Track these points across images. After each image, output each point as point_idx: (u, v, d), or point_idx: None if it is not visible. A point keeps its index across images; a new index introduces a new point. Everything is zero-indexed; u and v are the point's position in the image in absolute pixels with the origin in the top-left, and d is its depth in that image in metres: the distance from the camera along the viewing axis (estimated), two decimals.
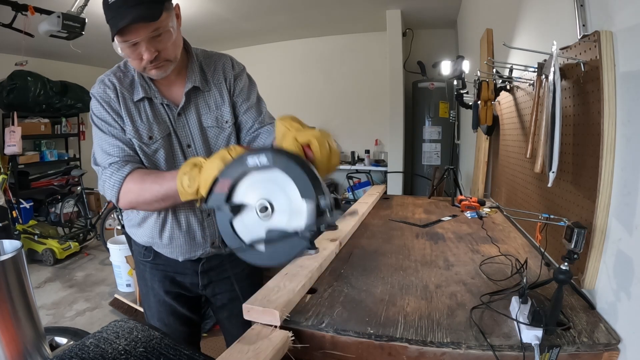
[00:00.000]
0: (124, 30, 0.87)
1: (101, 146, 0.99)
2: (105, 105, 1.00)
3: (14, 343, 0.79)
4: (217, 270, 1.16)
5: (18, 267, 0.81)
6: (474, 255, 1.18)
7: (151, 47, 0.91)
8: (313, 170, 0.69)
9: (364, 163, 4.64)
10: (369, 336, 0.75)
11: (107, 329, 0.86)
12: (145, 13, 0.86)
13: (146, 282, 1.16)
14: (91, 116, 1.03)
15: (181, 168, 0.81)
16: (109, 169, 0.95)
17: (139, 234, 1.12)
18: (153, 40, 0.91)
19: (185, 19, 1.09)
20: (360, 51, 4.83)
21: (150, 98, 1.03)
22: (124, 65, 1.07)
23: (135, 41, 0.89)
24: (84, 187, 4.32)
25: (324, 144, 0.74)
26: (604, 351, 0.71)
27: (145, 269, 1.16)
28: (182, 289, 1.17)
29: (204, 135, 1.08)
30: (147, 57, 0.92)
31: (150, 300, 1.17)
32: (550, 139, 0.93)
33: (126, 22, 0.84)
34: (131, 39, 0.89)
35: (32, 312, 0.84)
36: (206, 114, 1.08)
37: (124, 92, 1.02)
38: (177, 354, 0.78)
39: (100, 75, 1.06)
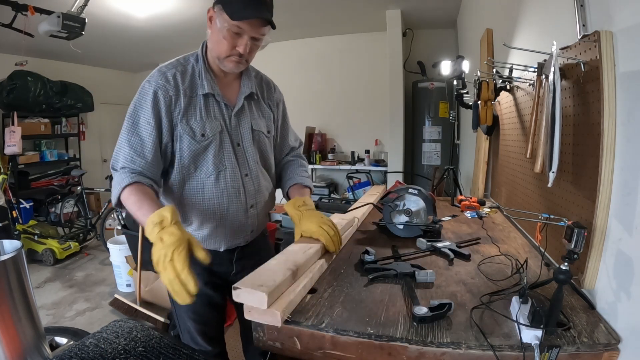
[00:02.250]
0: (248, 20, 0.97)
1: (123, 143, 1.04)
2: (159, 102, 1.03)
3: (14, 343, 0.79)
4: (248, 257, 1.23)
5: (18, 267, 0.81)
6: (474, 255, 1.18)
7: (248, 45, 1.02)
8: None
9: (364, 163, 4.64)
10: (369, 336, 0.75)
11: (106, 329, 0.86)
12: (269, 18, 0.99)
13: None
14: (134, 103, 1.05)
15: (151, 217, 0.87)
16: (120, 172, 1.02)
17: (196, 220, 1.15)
18: (253, 40, 1.02)
19: (186, 19, 1.11)
20: (360, 51, 4.83)
21: (213, 94, 1.09)
22: (185, 60, 1.12)
23: (245, 33, 0.99)
24: (84, 187, 4.32)
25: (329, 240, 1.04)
26: (604, 351, 0.71)
27: None
28: (218, 279, 1.23)
29: (252, 137, 1.17)
30: (242, 50, 1.02)
31: None
32: (550, 139, 0.93)
33: (256, 14, 0.96)
34: (245, 28, 0.99)
35: (32, 312, 0.84)
36: (256, 119, 1.18)
37: (185, 89, 1.06)
38: (176, 353, 0.78)
39: (161, 66, 1.09)
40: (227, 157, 1.12)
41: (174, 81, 1.05)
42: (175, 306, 1.23)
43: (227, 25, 0.99)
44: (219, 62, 1.08)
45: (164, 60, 4.58)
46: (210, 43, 1.08)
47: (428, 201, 1.39)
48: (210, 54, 1.11)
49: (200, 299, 1.15)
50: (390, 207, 1.40)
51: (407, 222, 1.39)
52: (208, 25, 1.06)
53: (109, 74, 6.37)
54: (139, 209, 0.94)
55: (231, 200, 1.13)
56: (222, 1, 0.99)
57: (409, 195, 1.41)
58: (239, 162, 1.14)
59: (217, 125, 1.10)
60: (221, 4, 0.99)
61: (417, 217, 1.40)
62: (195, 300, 1.12)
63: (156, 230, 0.84)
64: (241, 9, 0.95)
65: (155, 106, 1.03)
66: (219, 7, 1.00)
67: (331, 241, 1.06)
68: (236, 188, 1.13)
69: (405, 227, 1.38)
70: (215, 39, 1.04)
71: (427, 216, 1.40)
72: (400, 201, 1.41)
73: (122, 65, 6.32)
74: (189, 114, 1.06)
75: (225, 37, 1.01)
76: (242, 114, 1.15)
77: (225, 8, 0.97)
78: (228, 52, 1.03)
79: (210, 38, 1.07)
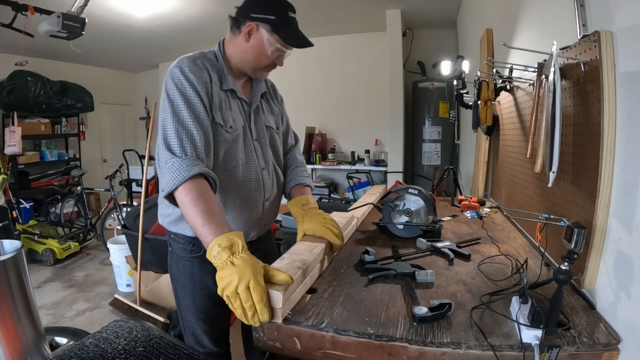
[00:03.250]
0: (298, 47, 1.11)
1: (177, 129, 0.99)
2: (197, 85, 1.03)
3: (14, 343, 0.79)
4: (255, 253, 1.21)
5: (18, 267, 0.81)
6: (474, 255, 1.18)
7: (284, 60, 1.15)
8: None
9: (364, 163, 4.64)
10: (369, 336, 0.75)
11: (106, 329, 0.86)
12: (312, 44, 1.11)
13: (194, 277, 1.17)
14: (170, 91, 1.03)
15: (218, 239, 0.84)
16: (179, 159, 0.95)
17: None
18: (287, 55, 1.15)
19: (187, 20, 1.12)
20: (360, 51, 4.83)
21: (235, 91, 1.15)
22: (214, 55, 1.15)
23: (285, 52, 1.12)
24: (84, 187, 4.32)
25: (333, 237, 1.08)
26: (604, 351, 0.71)
27: (193, 265, 1.17)
28: None
29: (266, 133, 1.23)
30: (280, 65, 1.15)
31: (197, 294, 1.18)
32: (550, 139, 0.93)
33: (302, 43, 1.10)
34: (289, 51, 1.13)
35: (32, 312, 0.84)
36: (268, 116, 1.25)
37: (215, 80, 1.09)
38: (176, 352, 0.78)
39: (188, 54, 1.10)
40: (249, 150, 1.16)
41: (206, 70, 1.08)
42: (182, 308, 1.22)
43: (277, 46, 1.08)
44: (251, 71, 1.14)
45: (164, 60, 4.61)
46: (245, 54, 1.12)
47: (428, 201, 1.39)
48: (236, 58, 1.14)
49: (209, 299, 1.17)
50: (390, 207, 1.41)
51: (407, 222, 1.39)
52: (244, 38, 1.09)
53: (109, 74, 6.38)
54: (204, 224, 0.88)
55: (251, 192, 1.17)
56: (271, 23, 1.06)
57: (409, 195, 1.41)
58: (257, 155, 1.18)
59: (240, 120, 1.15)
60: (270, 25, 1.06)
61: (417, 217, 1.40)
62: (204, 300, 1.18)
63: (225, 255, 0.82)
64: (294, 37, 1.09)
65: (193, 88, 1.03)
66: (267, 28, 1.07)
67: (336, 238, 1.09)
68: (256, 181, 1.18)
69: (405, 227, 1.39)
70: (256, 53, 1.10)
71: (427, 216, 1.40)
72: (400, 201, 1.41)
73: (122, 65, 6.32)
74: (221, 104, 1.10)
75: (270, 54, 1.10)
76: (258, 111, 1.21)
77: (276, 31, 1.07)
78: (269, 64, 1.13)
79: (246, 49, 1.10)
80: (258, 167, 1.18)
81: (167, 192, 0.94)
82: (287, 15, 1.08)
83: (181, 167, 0.94)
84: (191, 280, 1.18)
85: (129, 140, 6.77)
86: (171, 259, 1.23)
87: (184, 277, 1.19)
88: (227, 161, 1.11)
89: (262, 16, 1.06)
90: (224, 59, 1.15)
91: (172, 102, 1.02)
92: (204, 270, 1.15)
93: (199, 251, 1.15)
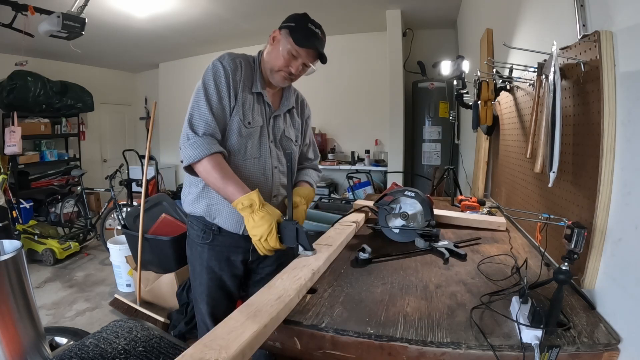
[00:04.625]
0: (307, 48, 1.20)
1: (201, 111, 1.17)
2: (230, 78, 1.20)
3: (14, 343, 0.79)
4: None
5: (18, 267, 0.81)
6: (474, 255, 1.18)
7: (300, 67, 1.24)
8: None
9: (364, 163, 4.64)
10: (369, 336, 0.75)
11: (106, 329, 0.86)
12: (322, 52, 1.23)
13: (202, 261, 1.33)
14: (207, 79, 1.19)
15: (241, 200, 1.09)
16: (201, 138, 1.14)
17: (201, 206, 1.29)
18: (304, 65, 1.24)
19: (187, 20, 1.13)
20: (360, 51, 4.83)
21: (262, 95, 1.28)
22: (253, 60, 1.30)
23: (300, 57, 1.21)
24: (84, 187, 4.31)
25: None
26: (604, 351, 0.71)
27: (203, 250, 1.32)
28: (235, 268, 1.34)
29: (283, 140, 1.35)
30: (294, 70, 1.24)
31: (204, 277, 1.33)
32: (550, 139, 0.93)
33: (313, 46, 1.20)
34: (302, 54, 1.21)
35: (32, 312, 0.84)
36: (289, 128, 1.37)
37: (245, 80, 1.24)
38: (176, 352, 0.78)
39: (229, 52, 1.25)
40: (264, 148, 1.28)
41: (240, 71, 1.23)
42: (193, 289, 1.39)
43: (290, 48, 1.20)
44: (270, 73, 1.26)
45: (164, 60, 4.62)
46: (268, 56, 1.26)
47: (425, 204, 1.35)
48: (264, 65, 1.28)
49: (214, 283, 1.33)
50: (385, 211, 1.36)
51: (403, 226, 1.35)
52: (270, 42, 1.26)
53: (109, 74, 6.38)
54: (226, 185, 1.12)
55: (260, 185, 1.25)
56: (290, 28, 1.20)
57: (405, 197, 1.36)
58: (272, 155, 1.30)
59: (260, 120, 1.27)
60: (288, 29, 1.20)
61: (414, 221, 1.36)
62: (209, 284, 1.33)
63: (247, 212, 1.08)
64: (304, 39, 1.19)
65: (226, 81, 1.20)
66: (285, 32, 1.21)
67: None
68: (266, 176, 1.29)
69: (401, 231, 1.35)
70: (274, 54, 1.23)
71: (424, 219, 1.35)
72: (396, 204, 1.37)
73: (122, 65, 6.32)
74: (245, 102, 1.24)
75: (284, 56, 1.21)
76: (279, 119, 1.34)
77: (291, 34, 1.19)
78: (282, 67, 1.23)
79: (269, 53, 1.25)
80: (270, 165, 1.29)
81: (188, 163, 1.14)
82: (306, 25, 1.21)
83: (203, 144, 1.13)
84: (199, 264, 1.33)
85: (129, 140, 6.77)
86: (187, 243, 1.39)
87: (195, 261, 1.34)
88: (240, 150, 1.24)
89: (286, 24, 1.23)
90: (259, 66, 1.30)
91: (205, 88, 1.18)
92: (212, 257, 1.30)
93: (209, 239, 1.30)
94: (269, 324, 0.72)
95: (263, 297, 0.81)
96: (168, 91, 6.20)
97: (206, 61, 1.24)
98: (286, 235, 1.10)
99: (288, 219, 1.13)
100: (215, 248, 1.30)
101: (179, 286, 2.48)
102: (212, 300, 1.33)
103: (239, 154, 1.24)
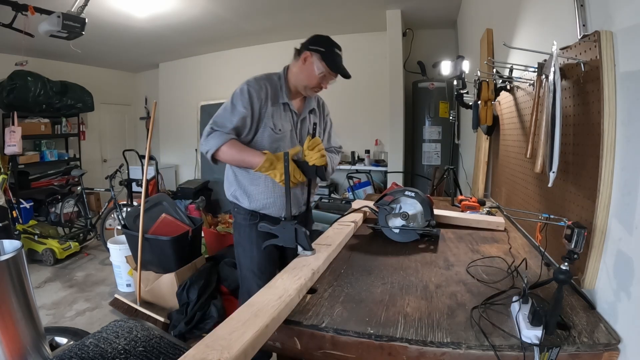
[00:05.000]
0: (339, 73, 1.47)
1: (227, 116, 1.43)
2: (253, 98, 1.44)
3: (14, 343, 0.79)
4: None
5: (18, 267, 0.81)
6: (474, 255, 1.18)
7: (327, 84, 1.51)
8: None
9: (364, 163, 4.64)
10: (369, 336, 0.75)
11: (106, 329, 0.86)
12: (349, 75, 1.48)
13: (252, 239, 1.56)
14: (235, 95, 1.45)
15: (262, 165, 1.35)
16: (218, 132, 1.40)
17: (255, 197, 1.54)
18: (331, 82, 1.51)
19: (187, 20, 1.13)
20: (360, 51, 4.83)
21: (288, 104, 1.52)
22: (277, 77, 1.53)
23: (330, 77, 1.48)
24: (84, 187, 4.31)
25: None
26: (604, 351, 0.71)
27: (251, 230, 1.55)
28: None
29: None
30: (325, 87, 1.50)
31: (254, 252, 1.56)
32: (550, 139, 0.93)
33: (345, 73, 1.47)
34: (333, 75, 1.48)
35: (32, 312, 0.84)
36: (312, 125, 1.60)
37: (271, 96, 1.48)
38: (176, 352, 0.78)
39: (257, 75, 1.51)
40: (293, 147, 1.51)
41: (265, 90, 1.47)
42: (242, 267, 1.62)
43: (323, 71, 1.44)
44: (302, 88, 1.50)
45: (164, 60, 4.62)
46: (300, 75, 1.48)
47: (425, 204, 1.35)
48: (293, 78, 1.51)
49: (263, 255, 1.54)
50: (385, 210, 1.37)
51: (403, 227, 1.35)
52: (301, 62, 1.47)
53: (109, 74, 6.37)
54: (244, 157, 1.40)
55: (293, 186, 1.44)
56: (321, 53, 1.43)
57: (406, 197, 1.37)
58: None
59: (288, 125, 1.53)
60: (320, 55, 1.43)
61: (414, 221, 1.36)
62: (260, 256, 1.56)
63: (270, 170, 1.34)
64: (335, 65, 1.45)
65: (250, 100, 1.43)
66: (317, 56, 1.43)
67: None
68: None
69: (401, 231, 1.35)
70: (307, 74, 1.46)
71: (424, 219, 1.35)
72: (396, 204, 1.37)
73: (122, 65, 6.32)
74: (273, 113, 1.48)
75: (317, 77, 1.45)
76: (304, 121, 1.59)
77: (324, 59, 1.43)
78: (316, 85, 1.48)
79: (301, 71, 1.47)
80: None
81: (213, 150, 1.39)
82: (334, 50, 1.45)
83: (221, 135, 1.40)
84: (249, 242, 1.56)
85: (129, 140, 6.77)
86: (235, 228, 1.65)
87: (245, 241, 1.58)
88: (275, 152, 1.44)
89: (316, 47, 1.44)
90: (285, 80, 1.53)
91: (232, 102, 1.44)
92: (259, 234, 1.46)
93: (255, 219, 1.53)
94: (270, 324, 0.72)
95: (264, 297, 0.82)
96: (168, 91, 6.19)
97: (206, 61, 1.26)
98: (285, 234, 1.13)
99: (287, 219, 1.13)
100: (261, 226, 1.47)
101: (179, 286, 2.48)
102: (263, 272, 1.56)
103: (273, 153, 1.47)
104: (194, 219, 2.95)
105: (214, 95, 5.55)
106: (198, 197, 4.81)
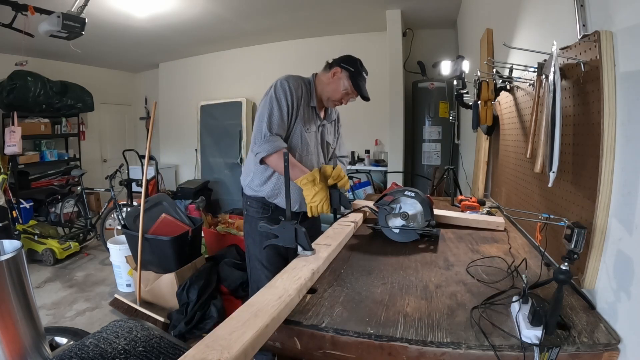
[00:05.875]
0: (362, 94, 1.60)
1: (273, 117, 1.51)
2: (294, 96, 1.55)
3: (14, 343, 0.79)
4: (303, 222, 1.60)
5: (18, 267, 0.81)
6: (474, 255, 1.18)
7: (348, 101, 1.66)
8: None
9: (364, 163, 4.64)
10: (369, 336, 0.75)
11: (106, 329, 0.86)
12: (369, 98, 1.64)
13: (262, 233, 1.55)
14: (277, 92, 1.53)
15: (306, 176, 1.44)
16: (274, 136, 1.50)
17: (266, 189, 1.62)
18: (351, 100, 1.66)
19: (187, 20, 1.12)
20: (360, 51, 4.78)
21: (315, 108, 1.65)
22: (308, 82, 1.65)
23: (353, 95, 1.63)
24: (84, 187, 4.31)
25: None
26: (604, 351, 0.71)
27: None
28: None
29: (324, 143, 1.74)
30: (344, 103, 1.66)
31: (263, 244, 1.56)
32: (550, 139, 0.93)
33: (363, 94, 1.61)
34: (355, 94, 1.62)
35: (32, 312, 0.84)
36: (329, 134, 1.76)
37: (305, 96, 1.61)
38: (176, 352, 0.78)
39: (294, 75, 1.62)
40: (315, 147, 1.66)
41: (301, 88, 1.59)
42: (251, 258, 1.69)
43: (348, 89, 1.58)
44: (326, 99, 1.64)
45: (164, 60, 4.62)
46: (327, 87, 1.61)
47: (425, 204, 1.35)
48: (320, 87, 1.64)
49: (272, 250, 1.60)
50: (385, 210, 1.37)
51: (403, 227, 1.35)
52: (330, 75, 1.60)
53: (109, 74, 6.37)
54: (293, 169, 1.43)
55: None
56: (350, 72, 1.57)
57: (405, 197, 1.37)
58: (318, 152, 1.69)
59: (314, 127, 1.66)
60: (349, 73, 1.57)
61: (414, 221, 1.36)
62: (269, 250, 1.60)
63: (310, 185, 1.42)
64: (359, 86, 1.58)
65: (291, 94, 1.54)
66: (346, 74, 1.58)
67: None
68: (314, 166, 1.63)
69: (401, 231, 1.35)
70: (334, 87, 1.60)
71: (424, 219, 1.35)
72: (396, 204, 1.37)
73: (122, 65, 6.32)
74: (304, 113, 1.60)
75: (342, 92, 1.59)
76: (325, 127, 1.72)
77: (351, 78, 1.57)
78: (338, 100, 1.62)
79: (329, 84, 1.60)
80: (317, 159, 1.68)
81: (266, 154, 1.48)
82: (361, 73, 1.60)
83: (275, 141, 1.49)
84: (260, 235, 1.58)
85: (129, 140, 6.77)
86: (246, 220, 1.73)
87: (255, 233, 1.63)
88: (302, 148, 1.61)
89: (347, 66, 1.58)
90: (314, 87, 1.64)
91: (277, 99, 1.52)
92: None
93: (267, 213, 1.64)
94: (270, 324, 0.72)
95: (264, 297, 0.82)
96: (168, 91, 6.19)
97: (206, 61, 1.25)
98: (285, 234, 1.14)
99: (287, 220, 1.13)
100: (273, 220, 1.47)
101: (179, 286, 2.48)
102: (271, 265, 1.62)
103: (301, 150, 1.61)
104: (194, 219, 2.96)
105: (214, 95, 5.54)
106: (198, 197, 4.81)
